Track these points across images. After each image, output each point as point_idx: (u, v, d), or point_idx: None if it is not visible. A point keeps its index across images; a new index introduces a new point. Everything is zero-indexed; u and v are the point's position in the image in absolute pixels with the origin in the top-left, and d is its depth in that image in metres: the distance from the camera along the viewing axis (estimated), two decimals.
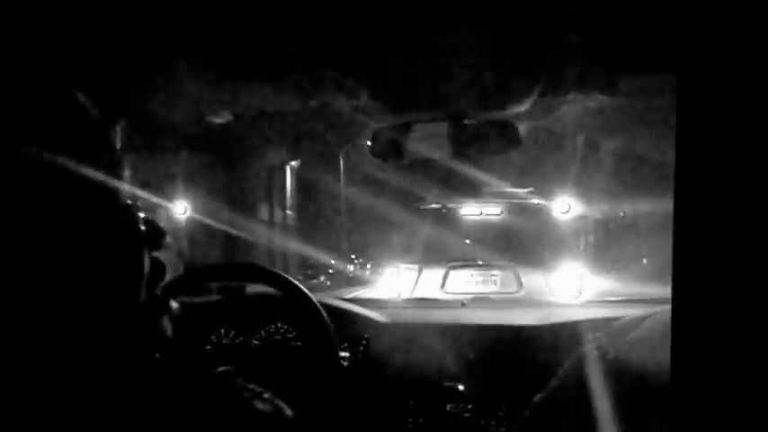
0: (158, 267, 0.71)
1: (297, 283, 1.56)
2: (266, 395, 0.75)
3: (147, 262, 0.68)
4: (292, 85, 1.59)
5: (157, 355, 0.68)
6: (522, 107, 1.65)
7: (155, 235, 0.70)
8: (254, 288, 1.88)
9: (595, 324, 1.39)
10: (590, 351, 0.91)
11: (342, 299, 2.00)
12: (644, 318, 0.91)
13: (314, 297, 1.55)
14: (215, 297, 1.92)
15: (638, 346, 0.84)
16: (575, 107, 1.80)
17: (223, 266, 1.59)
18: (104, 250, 0.61)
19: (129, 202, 0.66)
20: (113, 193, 0.64)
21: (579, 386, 0.87)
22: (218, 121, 1.88)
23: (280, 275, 1.56)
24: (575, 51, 1.42)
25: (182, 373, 0.70)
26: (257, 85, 1.59)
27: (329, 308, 1.64)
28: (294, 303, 1.54)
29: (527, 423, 1.02)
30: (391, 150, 1.71)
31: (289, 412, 0.76)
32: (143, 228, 0.67)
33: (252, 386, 0.75)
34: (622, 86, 1.60)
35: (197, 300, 1.92)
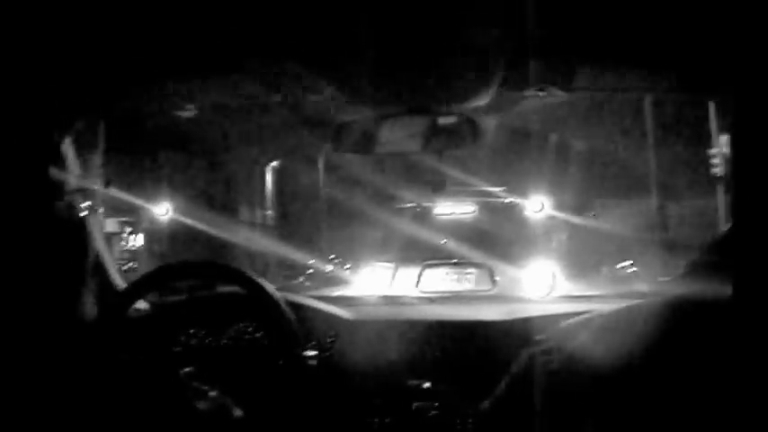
0: (102, 259, 0.72)
1: (260, 280, 1.55)
2: (212, 394, 0.76)
3: (91, 253, 0.68)
4: (254, 79, 1.60)
5: (104, 350, 0.69)
6: (482, 101, 1.67)
7: (100, 227, 0.71)
8: (223, 287, 1.89)
9: (563, 319, 1.42)
10: (534, 358, 0.91)
11: (312, 296, 2.01)
12: (589, 319, 0.91)
13: (280, 294, 1.55)
14: (185, 296, 1.93)
15: (581, 353, 0.85)
16: (536, 102, 1.83)
17: (187, 265, 1.60)
18: (47, 240, 0.62)
19: (73, 192, 0.67)
20: (57, 186, 0.64)
21: (523, 396, 0.88)
22: (185, 114, 1.88)
23: (243, 273, 1.56)
24: (532, 46, 1.44)
25: (131, 372, 0.71)
26: (217, 77, 1.59)
27: (298, 306, 1.66)
28: (259, 301, 1.55)
29: (476, 429, 1.03)
30: (355, 145, 1.73)
31: (237, 412, 0.76)
32: (88, 218, 0.68)
33: (196, 385, 0.76)
34: (579, 81, 1.63)
35: (167, 299, 1.93)
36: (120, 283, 1.66)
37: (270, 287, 1.54)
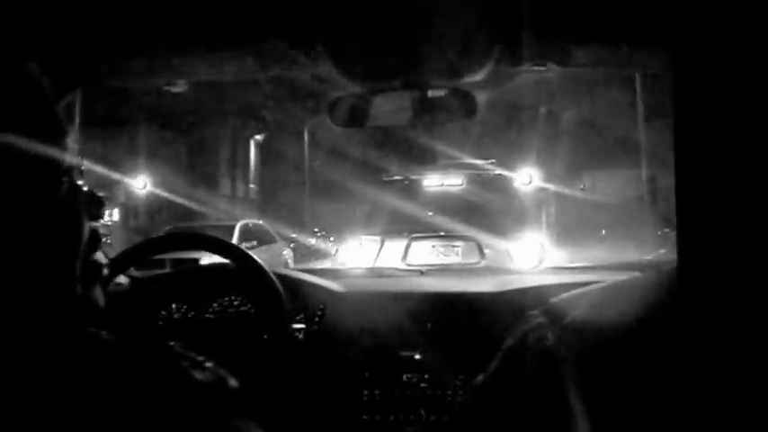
0: (94, 237, 0.69)
1: (250, 253, 1.52)
2: (208, 365, 0.72)
3: (85, 231, 0.66)
4: (249, 54, 1.55)
5: (91, 329, 0.65)
6: (479, 76, 1.63)
7: (95, 205, 0.69)
8: (206, 260, 1.84)
9: (554, 291, 1.38)
10: (528, 334, 0.89)
11: (298, 269, 1.97)
12: (581, 294, 0.89)
13: (268, 267, 1.51)
14: (167, 270, 1.88)
15: (576, 327, 0.83)
16: (532, 77, 1.79)
17: (173, 237, 1.54)
18: (42, 217, 0.60)
19: (69, 168, 0.63)
20: (54, 161, 0.62)
21: (517, 373, 0.86)
22: (175, 90, 1.82)
23: (232, 246, 1.52)
24: (527, 20, 1.40)
25: (119, 346, 0.68)
26: (211, 53, 1.54)
27: (285, 278, 1.61)
28: (247, 274, 1.50)
29: (467, 406, 1.01)
30: (350, 118, 1.68)
31: (232, 383, 0.73)
32: (83, 196, 0.66)
33: (192, 355, 0.73)
34: (576, 57, 1.60)
35: (148, 274, 1.88)
36: (100, 258, 1.59)
37: (258, 260, 1.49)
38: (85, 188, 0.66)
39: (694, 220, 0.53)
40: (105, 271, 0.73)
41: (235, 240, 6.67)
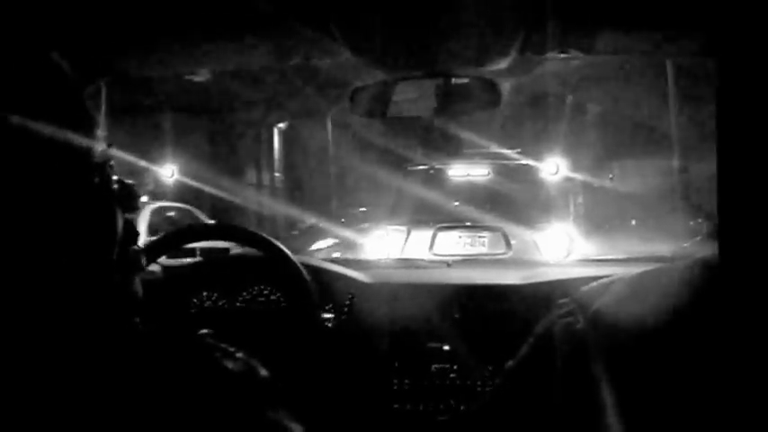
0: (131, 230, 0.69)
1: (278, 243, 1.53)
2: (239, 355, 0.73)
3: (120, 223, 0.66)
4: (271, 43, 1.54)
5: (136, 319, 0.66)
6: (503, 64, 1.60)
7: (129, 196, 0.69)
8: (237, 250, 1.85)
9: (583, 283, 1.37)
10: (557, 320, 0.89)
11: (326, 259, 1.97)
12: (611, 282, 0.88)
13: (296, 258, 1.52)
14: (197, 259, 1.89)
15: (606, 313, 0.82)
16: (557, 65, 1.76)
17: (204, 227, 1.56)
18: (77, 210, 0.60)
19: (103, 161, 0.64)
20: (86, 152, 0.62)
21: (548, 357, 0.86)
22: (197, 79, 1.82)
23: (261, 236, 1.53)
24: (554, 7, 1.37)
25: (155, 336, 0.69)
26: (234, 42, 1.53)
27: (313, 268, 1.62)
28: (276, 264, 1.51)
29: (498, 391, 1.01)
30: (372, 108, 1.67)
31: (263, 373, 0.74)
32: (117, 188, 0.66)
33: (224, 346, 0.73)
34: (601, 44, 1.56)
35: (179, 262, 1.90)
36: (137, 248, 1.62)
37: (285, 249, 1.51)
38: (118, 180, 0.66)
39: (736, 212, 0.52)
40: (144, 261, 0.74)
41: None
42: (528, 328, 0.95)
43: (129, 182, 0.69)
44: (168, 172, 8.40)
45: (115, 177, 0.66)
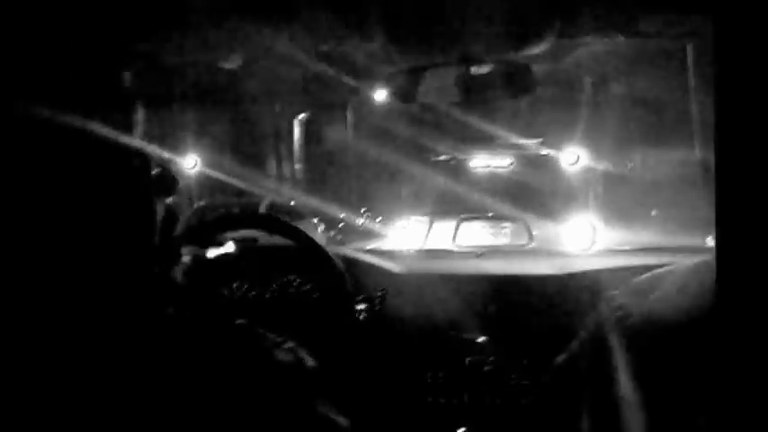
0: (171, 214, 0.71)
1: (309, 234, 1.55)
2: (288, 345, 0.75)
3: (160, 208, 0.68)
4: (304, 28, 1.55)
5: (170, 310, 0.68)
6: (538, 50, 1.59)
7: (167, 181, 0.71)
8: (267, 240, 1.87)
9: (612, 273, 1.37)
10: (608, 314, 0.89)
11: (356, 249, 1.99)
12: (663, 274, 0.88)
13: (328, 248, 1.54)
14: (228, 249, 1.92)
15: (664, 306, 0.82)
16: (590, 50, 1.74)
17: (236, 216, 1.58)
18: (118, 194, 0.62)
19: (141, 146, 0.65)
20: (122, 139, 0.64)
21: (600, 353, 0.85)
22: (229, 66, 1.83)
23: (294, 227, 1.55)
24: None
25: (198, 325, 0.71)
26: (267, 27, 1.54)
27: (345, 259, 1.63)
28: (308, 255, 1.53)
29: (547, 387, 1.01)
30: (405, 94, 1.68)
31: (311, 362, 0.76)
32: (155, 173, 0.68)
33: (272, 336, 0.75)
34: (642, 27, 1.54)
35: (209, 252, 1.92)
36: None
37: (319, 240, 1.52)
38: (158, 165, 0.68)
39: (734, 207, 0.52)
40: (184, 250, 0.75)
41: None
42: (566, 319, 0.94)
43: (167, 168, 0.70)
44: (191, 162, 8.43)
45: (150, 161, 0.67)
